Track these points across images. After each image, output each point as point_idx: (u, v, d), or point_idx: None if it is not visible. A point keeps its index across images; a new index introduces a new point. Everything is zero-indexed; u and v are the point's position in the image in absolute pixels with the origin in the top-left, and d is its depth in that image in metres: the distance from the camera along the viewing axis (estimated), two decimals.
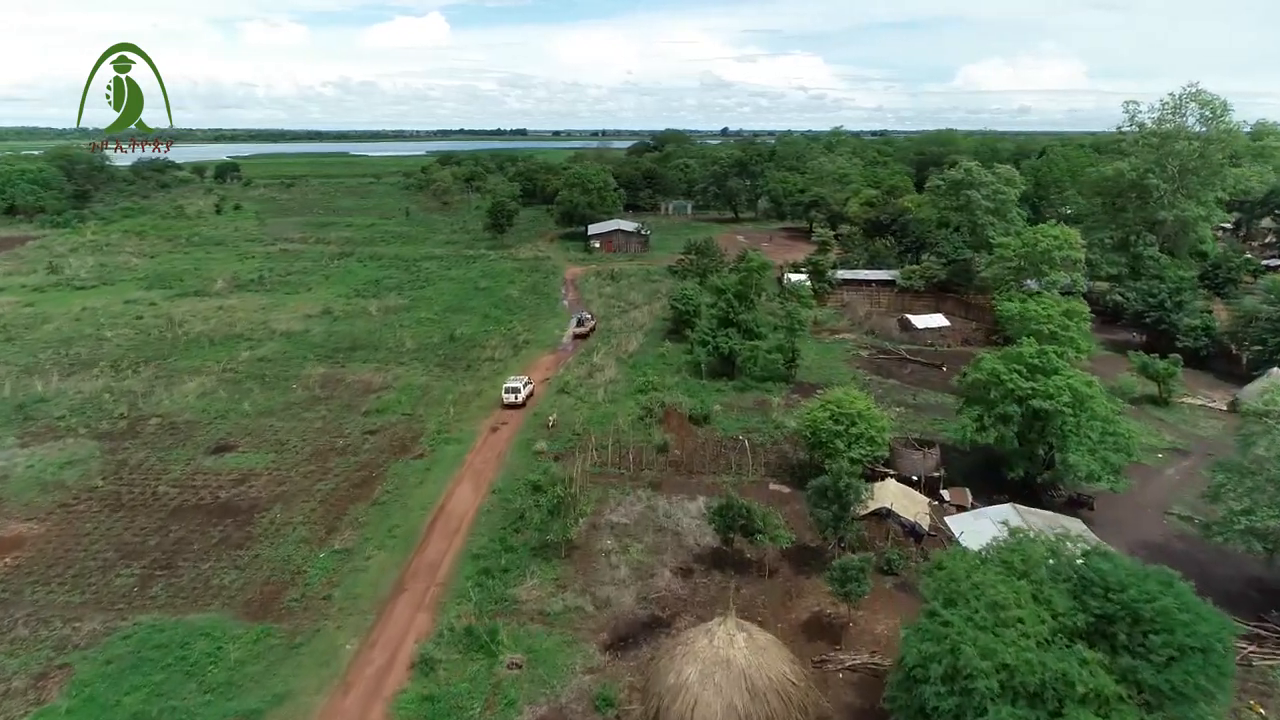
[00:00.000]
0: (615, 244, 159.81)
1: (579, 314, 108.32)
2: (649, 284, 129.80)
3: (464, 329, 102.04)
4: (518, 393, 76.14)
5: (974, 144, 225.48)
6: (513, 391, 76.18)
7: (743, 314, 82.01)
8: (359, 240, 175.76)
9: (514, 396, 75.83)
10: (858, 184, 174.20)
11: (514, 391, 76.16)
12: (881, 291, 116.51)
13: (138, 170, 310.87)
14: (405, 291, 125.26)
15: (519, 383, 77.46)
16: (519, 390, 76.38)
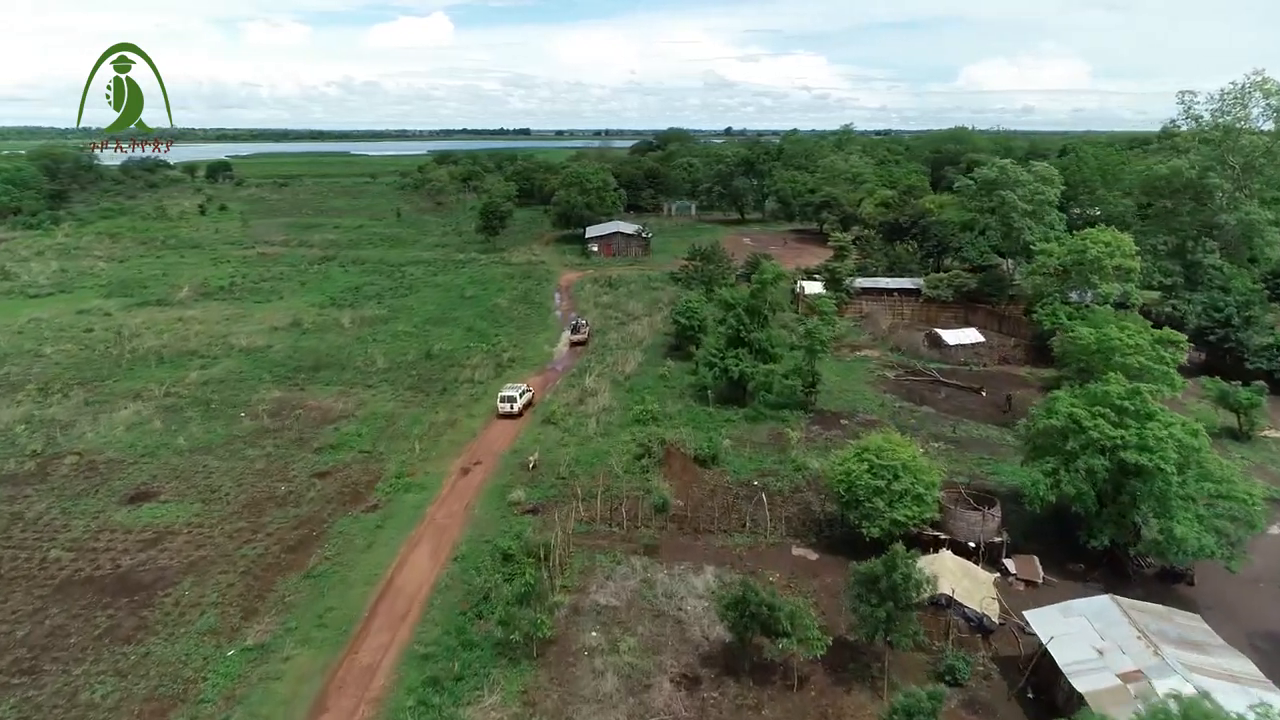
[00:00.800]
0: (614, 247, 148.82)
1: (574, 319, 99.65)
2: (650, 292, 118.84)
3: (443, 344, 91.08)
4: (513, 402, 70.04)
5: (990, 143, 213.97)
6: (508, 400, 70.11)
7: (755, 332, 70.99)
8: (344, 243, 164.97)
9: (509, 406, 69.77)
10: (872, 184, 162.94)
11: (509, 400, 70.08)
12: (904, 301, 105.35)
13: (127, 170, 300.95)
14: (385, 300, 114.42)
15: (515, 390, 71.42)
16: (515, 399, 70.29)
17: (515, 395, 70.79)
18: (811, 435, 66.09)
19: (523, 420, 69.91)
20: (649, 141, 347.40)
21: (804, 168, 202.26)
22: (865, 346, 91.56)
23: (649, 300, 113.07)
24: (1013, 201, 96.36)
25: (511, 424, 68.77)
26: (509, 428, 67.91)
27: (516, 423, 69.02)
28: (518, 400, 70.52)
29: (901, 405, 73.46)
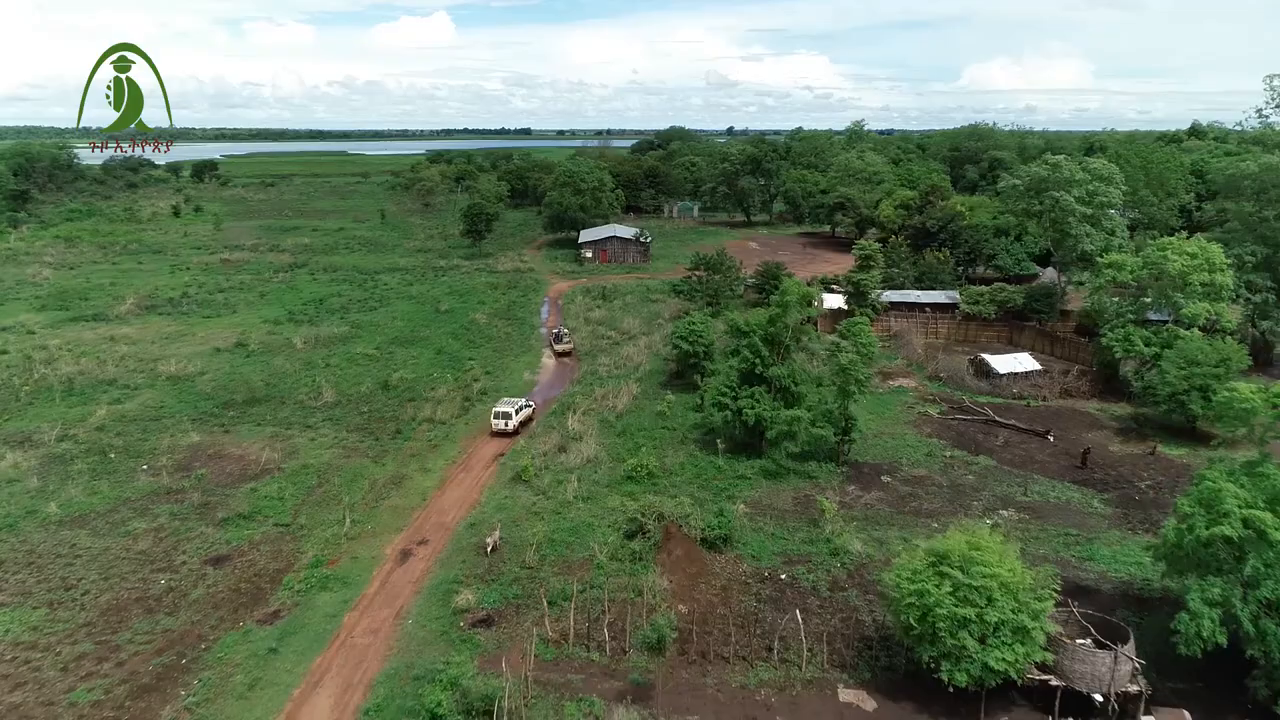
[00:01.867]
0: (610, 253, 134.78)
1: (556, 329, 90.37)
2: (648, 305, 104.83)
3: (406, 371, 77.12)
4: (508, 419, 63.37)
5: (1017, 140, 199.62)
6: (502, 418, 63.41)
7: (775, 368, 56.95)
8: (318, 248, 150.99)
9: (504, 424, 63.15)
10: (890, 183, 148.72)
11: (504, 417, 63.40)
12: (939, 318, 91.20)
13: (108, 169, 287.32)
14: (350, 315, 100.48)
15: (511, 406, 64.62)
16: (510, 415, 63.58)
17: (510, 411, 63.64)
18: (848, 499, 52.12)
19: (489, 473, 56.15)
20: (650, 140, 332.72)
21: (813, 166, 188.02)
22: (899, 374, 77.46)
23: (647, 315, 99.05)
24: (1068, 204, 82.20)
25: (473, 484, 54.92)
26: (468, 489, 53.98)
27: (479, 482, 55.11)
28: (513, 417, 63.49)
29: (953, 455, 59.40)
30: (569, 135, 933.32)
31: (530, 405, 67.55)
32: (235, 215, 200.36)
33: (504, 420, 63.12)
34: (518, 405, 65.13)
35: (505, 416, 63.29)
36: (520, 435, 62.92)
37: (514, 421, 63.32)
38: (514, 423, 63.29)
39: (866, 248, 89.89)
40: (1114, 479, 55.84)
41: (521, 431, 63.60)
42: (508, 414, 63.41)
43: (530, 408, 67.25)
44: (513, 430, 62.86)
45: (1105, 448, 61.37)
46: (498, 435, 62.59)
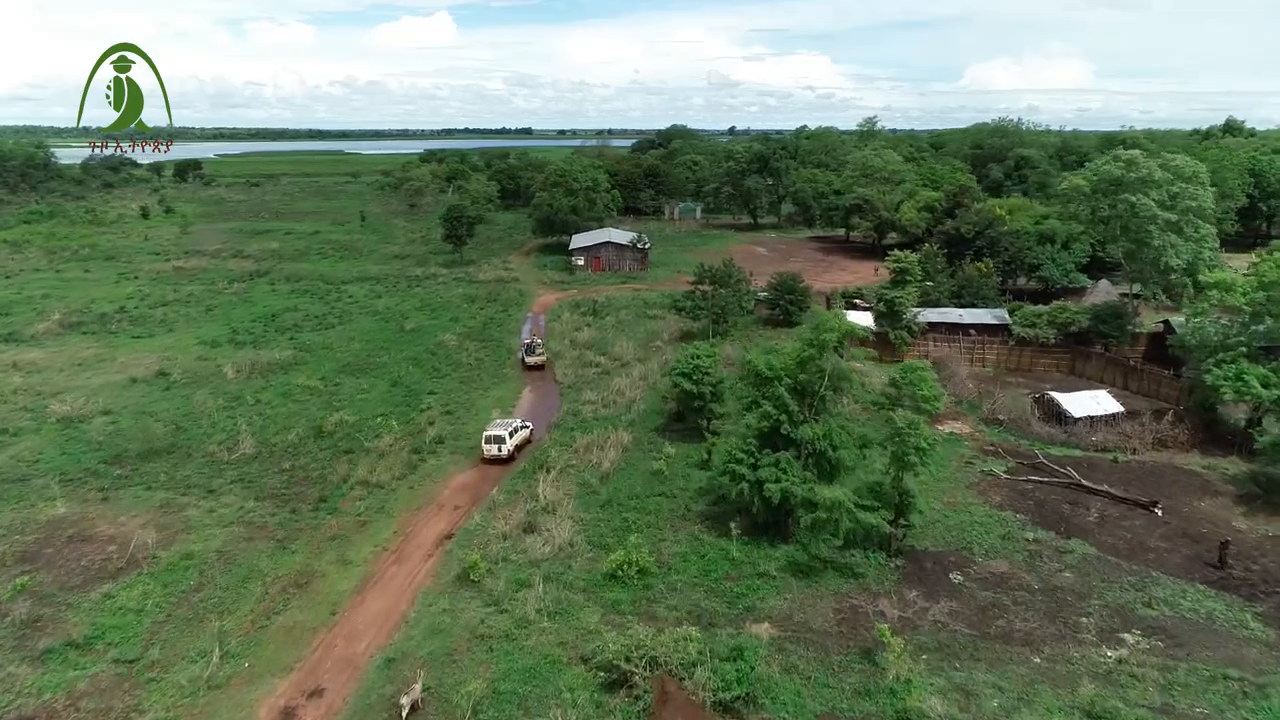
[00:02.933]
0: (604, 260, 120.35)
1: (527, 339, 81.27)
2: (645, 322, 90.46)
3: (349, 411, 62.79)
4: (501, 443, 55.22)
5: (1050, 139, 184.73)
6: (495, 442, 55.29)
7: (807, 428, 42.59)
8: (287, 254, 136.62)
9: (497, 449, 55.19)
10: (912, 183, 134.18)
11: (497, 442, 55.27)
12: (986, 342, 76.74)
13: (87, 168, 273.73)
14: (301, 335, 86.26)
15: (504, 428, 56.25)
16: (503, 440, 55.30)
17: (504, 434, 55.44)
18: (911, 612, 37.86)
19: (428, 567, 41.93)
20: (651, 139, 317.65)
21: (824, 165, 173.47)
22: (948, 415, 63.00)
23: (644, 336, 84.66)
24: (1147, 209, 67.71)
25: (404, 585, 40.62)
26: (396, 596, 39.66)
27: (413, 582, 40.82)
28: (507, 441, 55.29)
29: (1038, 538, 45.03)
30: (570, 135, 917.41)
31: (528, 426, 59.19)
32: (209, 217, 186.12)
33: (497, 445, 54.78)
34: (512, 426, 56.83)
35: (498, 441, 54.80)
36: (516, 461, 54.97)
37: (509, 445, 55.11)
38: (509, 447, 55.08)
39: (902, 260, 75.21)
40: (1260, 578, 41.49)
41: (518, 456, 55.58)
42: (500, 438, 54.88)
43: (528, 429, 58.96)
44: (508, 456, 54.85)
45: (1227, 523, 47.07)
46: (490, 462, 54.45)
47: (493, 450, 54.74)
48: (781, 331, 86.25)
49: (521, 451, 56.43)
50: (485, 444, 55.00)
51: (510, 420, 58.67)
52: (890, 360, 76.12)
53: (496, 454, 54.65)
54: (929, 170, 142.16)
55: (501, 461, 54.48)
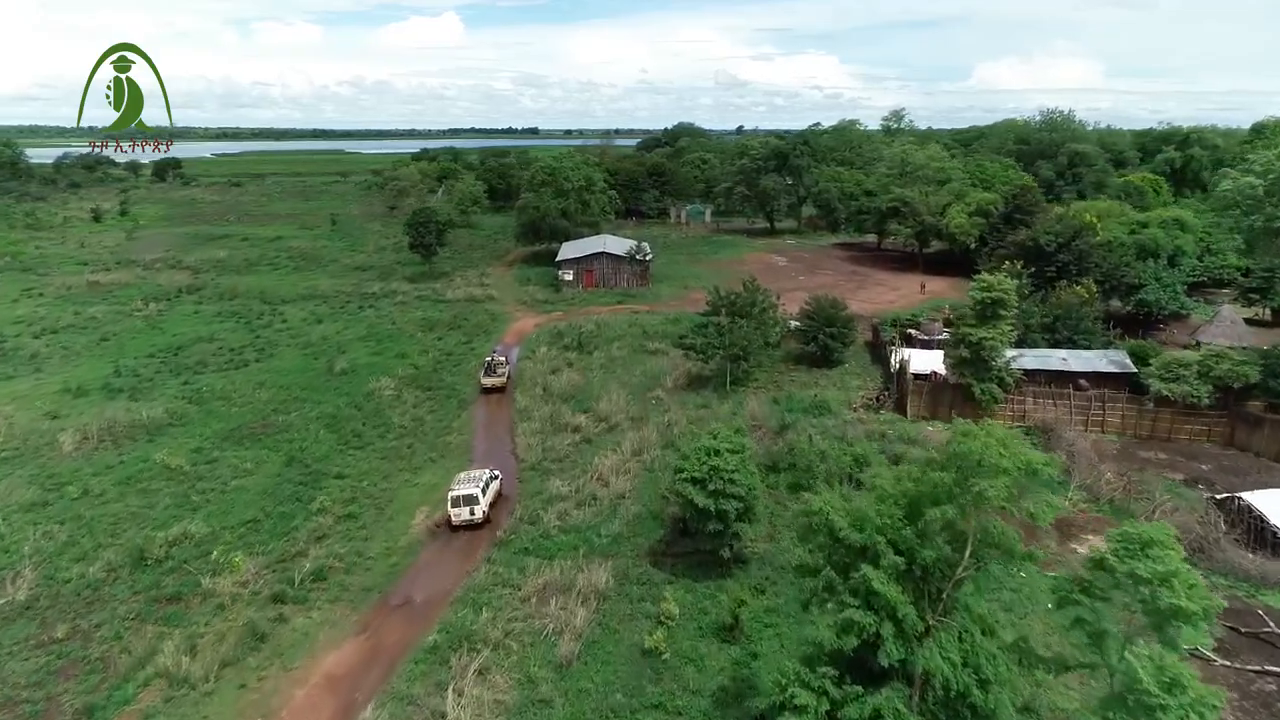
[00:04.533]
0: (598, 274, 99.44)
1: (493, 353, 68.00)
2: (643, 359, 69.57)
3: (202, 518, 42.17)
4: (474, 504, 41.72)
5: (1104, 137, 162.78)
6: (466, 503, 41.69)
7: (931, 653, 21.67)
8: (234, 263, 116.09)
9: (469, 513, 41.63)
10: (959, 183, 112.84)
11: (468, 503, 41.64)
12: (1108, 399, 55.24)
13: (59, 168, 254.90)
14: (200, 377, 65.78)
15: (475, 485, 42.59)
16: (476, 500, 41.83)
17: (476, 492, 42.39)
18: None
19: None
20: (657, 138, 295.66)
21: (848, 163, 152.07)
22: (1080, 522, 41.96)
23: (641, 381, 63.85)
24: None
25: None
26: None
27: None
28: (481, 501, 42.36)
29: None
30: (577, 135, 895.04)
31: (498, 476, 46.29)
32: (168, 220, 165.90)
33: (469, 507, 42.05)
34: (482, 480, 43.78)
35: (470, 501, 42.15)
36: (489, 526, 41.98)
37: (483, 506, 42.45)
38: (483, 507, 42.45)
39: (994, 286, 53.68)
40: None
41: (492, 518, 42.75)
42: (473, 498, 42.20)
43: (498, 478, 46.06)
44: (482, 520, 42.20)
45: None
46: (460, 528, 41.94)
47: (463, 515, 41.86)
48: (819, 374, 65.37)
49: (499, 505, 44.15)
50: (452, 508, 41.99)
51: (478, 473, 44.71)
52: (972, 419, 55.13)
53: (469, 519, 41.82)
54: (977, 168, 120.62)
55: (475, 526, 41.71)
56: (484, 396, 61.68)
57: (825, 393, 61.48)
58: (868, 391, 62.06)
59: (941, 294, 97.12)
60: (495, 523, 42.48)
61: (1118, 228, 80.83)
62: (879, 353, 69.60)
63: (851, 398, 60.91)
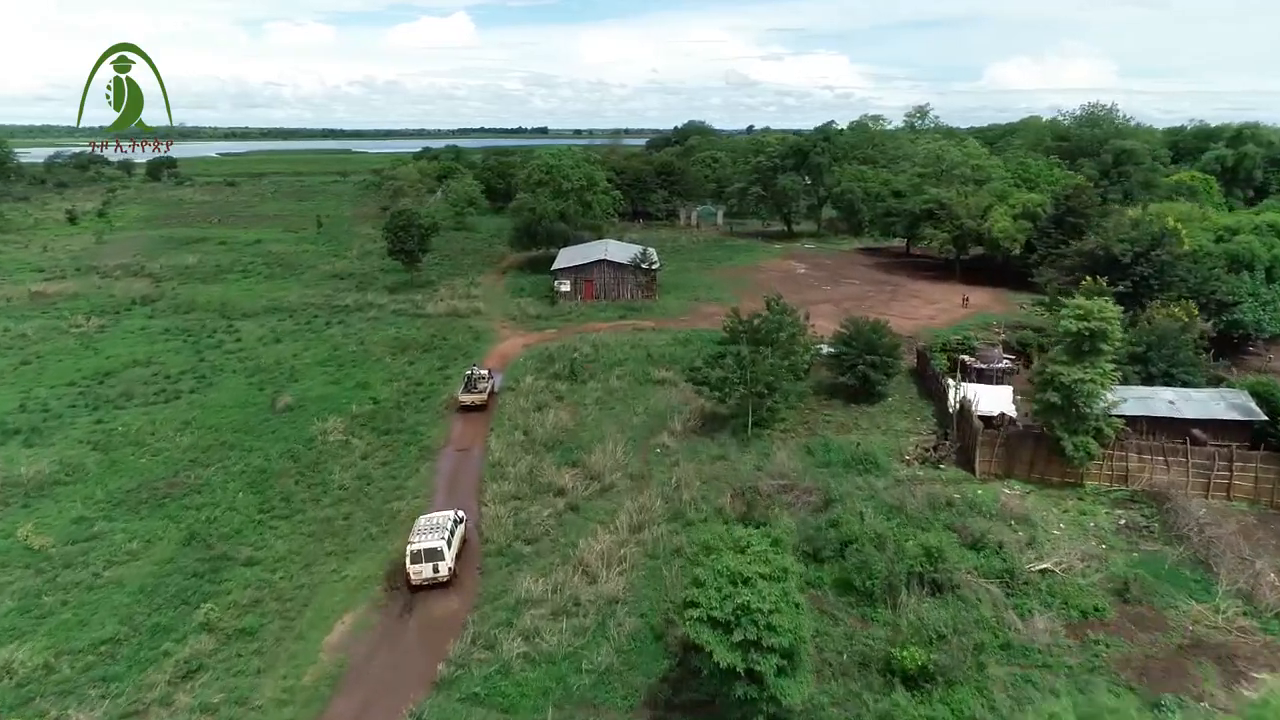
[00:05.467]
0: (599, 285, 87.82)
1: (472, 369, 58.96)
2: (647, 390, 57.92)
3: (34, 643, 30.78)
4: (439, 559, 34.46)
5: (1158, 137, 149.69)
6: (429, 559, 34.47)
7: None
8: (202, 271, 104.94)
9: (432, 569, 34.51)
10: (1001, 184, 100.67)
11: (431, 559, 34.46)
12: (1235, 455, 43.22)
13: (50, 167, 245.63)
14: (121, 413, 54.55)
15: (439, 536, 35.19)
16: (440, 554, 34.57)
17: (440, 546, 34.40)
18: None
19: None
20: (666, 136, 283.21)
21: (870, 161, 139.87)
22: (1248, 655, 30.09)
23: (643, 423, 52.25)
24: None
25: None
26: None
27: None
28: (446, 555, 34.36)
29: None
30: (587, 135, 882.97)
31: (462, 519, 38.79)
32: (148, 222, 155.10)
33: (432, 564, 34.68)
34: (446, 528, 36.11)
35: (433, 557, 34.62)
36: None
37: (449, 561, 34.91)
38: (449, 563, 34.94)
39: (1092, 312, 41.53)
40: None
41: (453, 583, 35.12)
42: (437, 551, 34.63)
43: (463, 522, 38.72)
44: (447, 577, 34.91)
45: None
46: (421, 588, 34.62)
47: (425, 572, 34.78)
48: (858, 411, 53.63)
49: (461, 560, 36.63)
50: (413, 564, 34.81)
51: (441, 517, 37.42)
52: (1059, 484, 43.35)
53: (433, 576, 34.81)
54: (1019, 165, 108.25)
55: (441, 584, 34.81)
56: (454, 443, 50.17)
57: (869, 438, 49.79)
58: (921, 438, 50.25)
59: (985, 307, 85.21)
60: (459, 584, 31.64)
61: (1200, 234, 68.63)
62: (927, 383, 57.76)
63: (902, 445, 49.15)
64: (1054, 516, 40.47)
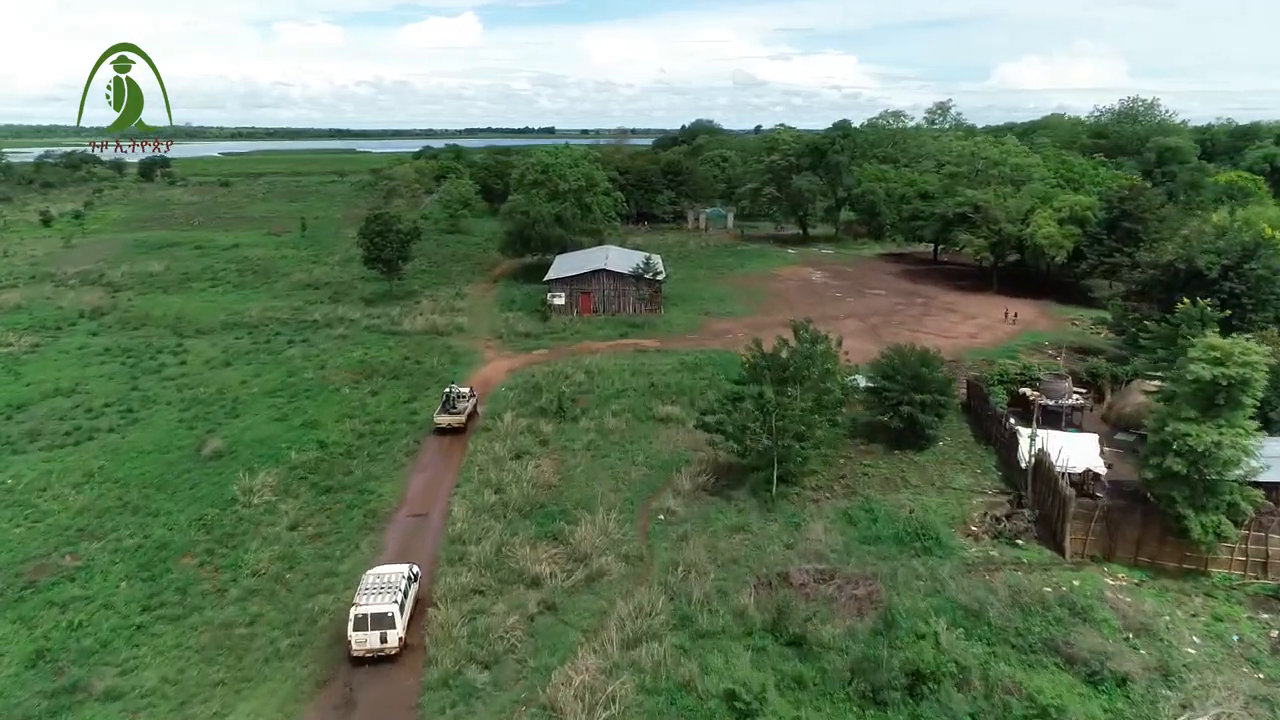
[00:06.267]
0: (597, 297, 77.98)
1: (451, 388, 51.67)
2: (649, 430, 48.05)
3: None
4: (388, 627, 28.32)
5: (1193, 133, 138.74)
6: (377, 625, 28.35)
7: None
8: (165, 279, 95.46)
9: (377, 639, 28.26)
10: (1043, 185, 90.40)
11: (380, 625, 28.33)
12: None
13: (39, 167, 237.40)
14: (15, 459, 45.00)
15: (389, 600, 29.04)
16: (391, 620, 28.43)
17: (391, 611, 28.44)
18: None
19: None
20: (673, 135, 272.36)
21: (891, 159, 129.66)
22: None
23: (645, 471, 42.55)
24: None
25: None
26: None
27: None
28: (396, 622, 28.44)
29: None
30: (594, 134, 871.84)
31: (417, 575, 31.92)
32: (126, 224, 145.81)
33: (379, 632, 27.82)
34: (399, 587, 29.49)
35: (381, 624, 27.86)
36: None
37: (399, 629, 28.25)
38: (400, 631, 28.27)
39: (1233, 354, 31.36)
40: None
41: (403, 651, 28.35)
42: (386, 618, 27.91)
43: (417, 579, 31.79)
44: (397, 649, 28.26)
45: None
46: (363, 660, 28.05)
47: (371, 641, 27.95)
48: (903, 460, 43.79)
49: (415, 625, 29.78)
50: (355, 631, 28.04)
51: (393, 573, 30.90)
52: (1176, 572, 33.28)
53: (379, 647, 28.02)
54: (1062, 164, 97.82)
55: (388, 658, 28.11)
56: (409, 505, 40.42)
57: (922, 499, 39.86)
58: (987, 499, 40.22)
59: (1030, 323, 75.14)
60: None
61: None
62: (984, 423, 47.76)
63: (965, 510, 39.15)
64: (1181, 623, 30.47)
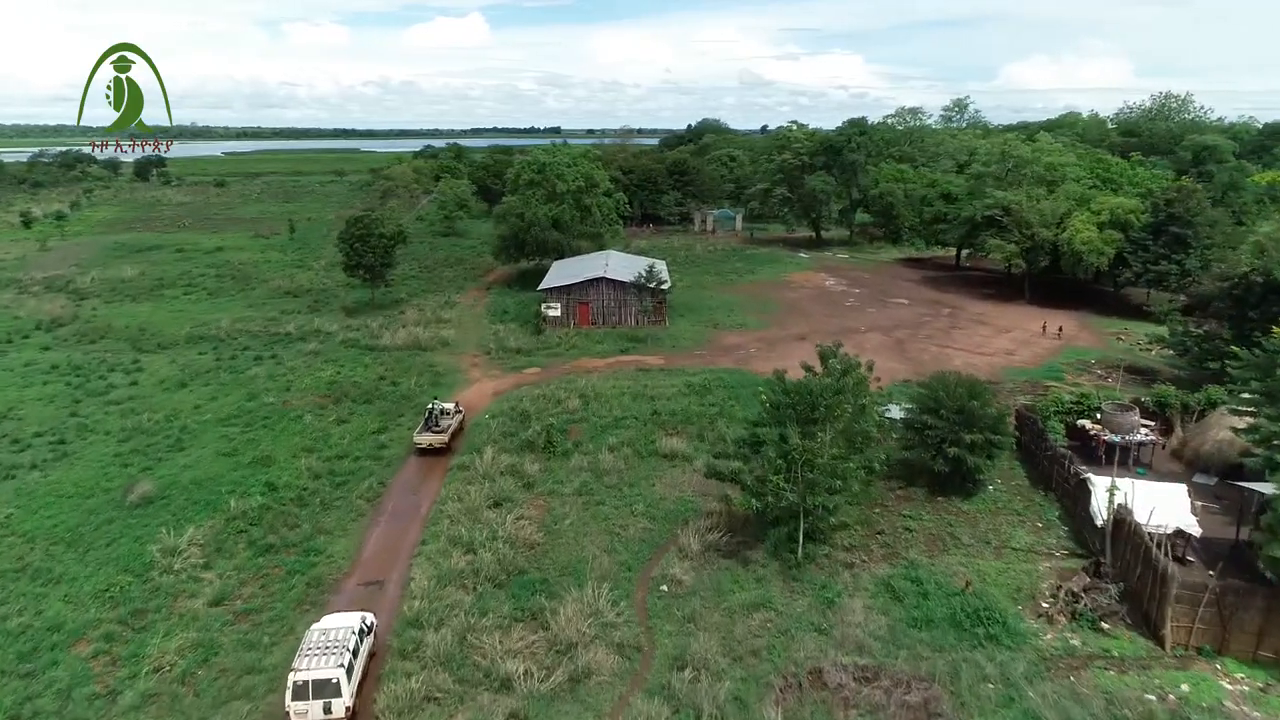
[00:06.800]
0: (596, 308, 71.14)
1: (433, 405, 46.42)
2: (649, 470, 41.26)
3: None
4: (332, 696, 23.40)
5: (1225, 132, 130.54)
6: (318, 694, 23.26)
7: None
8: (137, 285, 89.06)
9: (320, 710, 23.26)
10: (1078, 187, 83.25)
11: (321, 694, 23.27)
12: None
13: (33, 166, 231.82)
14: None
15: (334, 663, 23.94)
16: (336, 686, 23.51)
17: (337, 676, 23.63)
18: None
19: None
20: (680, 135, 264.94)
21: (909, 159, 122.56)
22: None
23: (644, 524, 35.76)
24: None
25: None
26: None
27: None
28: (343, 690, 23.58)
29: None
30: (600, 134, 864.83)
31: (371, 627, 27.54)
32: (111, 226, 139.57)
33: (324, 700, 23.39)
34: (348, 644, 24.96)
35: (324, 692, 23.44)
36: None
37: (348, 695, 23.65)
38: (347, 700, 23.60)
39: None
40: None
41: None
42: (330, 684, 23.52)
43: (372, 631, 27.47)
44: (347, 717, 23.85)
45: None
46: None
47: (314, 713, 23.07)
48: (948, 509, 37.04)
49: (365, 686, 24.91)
50: (294, 701, 23.21)
51: (341, 627, 25.76)
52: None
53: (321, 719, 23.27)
54: (1097, 163, 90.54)
55: None
56: (361, 570, 33.73)
57: (976, 564, 32.98)
58: (1056, 565, 33.29)
59: (1072, 338, 68.19)
60: None
61: None
62: (1039, 463, 40.87)
63: (1033, 580, 32.23)
64: None
